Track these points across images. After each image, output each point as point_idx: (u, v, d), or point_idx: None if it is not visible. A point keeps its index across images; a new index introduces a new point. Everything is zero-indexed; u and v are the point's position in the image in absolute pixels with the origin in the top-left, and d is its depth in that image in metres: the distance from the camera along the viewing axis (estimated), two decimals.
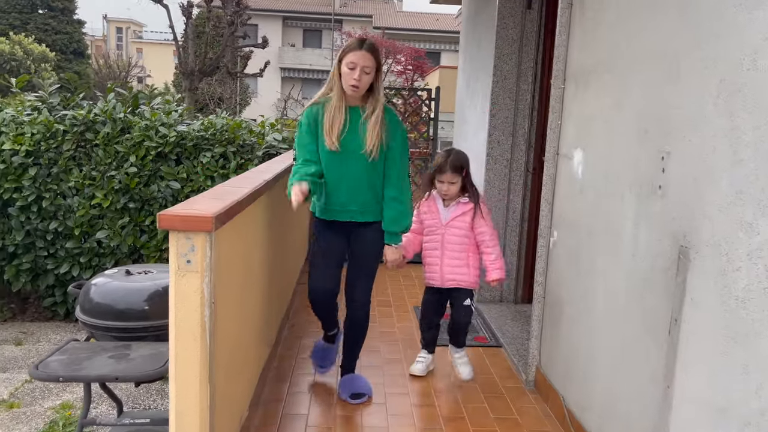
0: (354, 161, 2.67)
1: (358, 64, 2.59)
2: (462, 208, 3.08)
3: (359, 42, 2.64)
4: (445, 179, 3.03)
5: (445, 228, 3.08)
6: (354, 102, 2.71)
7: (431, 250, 3.13)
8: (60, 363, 2.68)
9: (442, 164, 3.04)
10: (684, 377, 1.83)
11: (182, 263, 1.76)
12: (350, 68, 2.59)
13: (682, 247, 1.85)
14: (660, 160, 2.01)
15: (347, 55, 2.61)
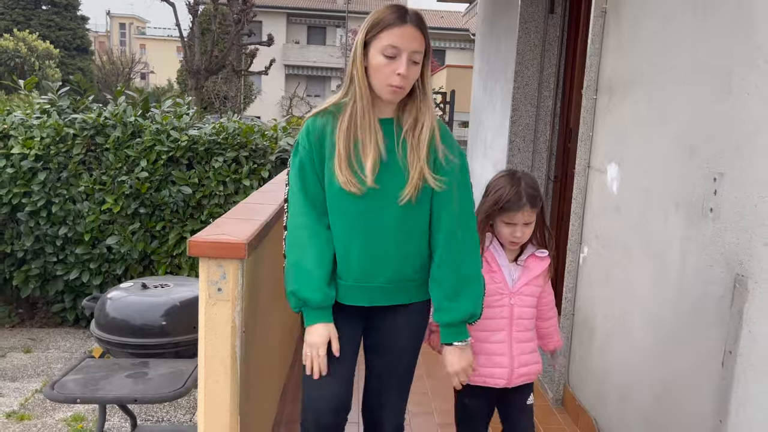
0: (383, 207, 1.63)
1: (404, 48, 1.55)
2: (538, 264, 2.02)
3: (399, 12, 1.58)
4: (519, 219, 1.90)
5: (515, 297, 1.98)
6: (385, 111, 1.66)
7: (493, 332, 1.99)
8: (76, 383, 2.59)
9: (514, 197, 1.90)
10: (739, 414, 1.73)
11: (213, 291, 1.67)
12: (389, 56, 1.56)
13: (738, 275, 1.76)
14: (712, 182, 1.91)
15: (383, 34, 1.57)
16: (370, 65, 1.60)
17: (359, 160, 1.60)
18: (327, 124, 1.66)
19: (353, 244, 1.64)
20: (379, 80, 1.59)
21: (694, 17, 2.08)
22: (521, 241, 1.97)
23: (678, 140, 2.14)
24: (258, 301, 2.07)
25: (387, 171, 1.63)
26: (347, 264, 1.66)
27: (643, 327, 2.36)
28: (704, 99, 2.00)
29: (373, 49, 1.59)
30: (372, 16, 1.60)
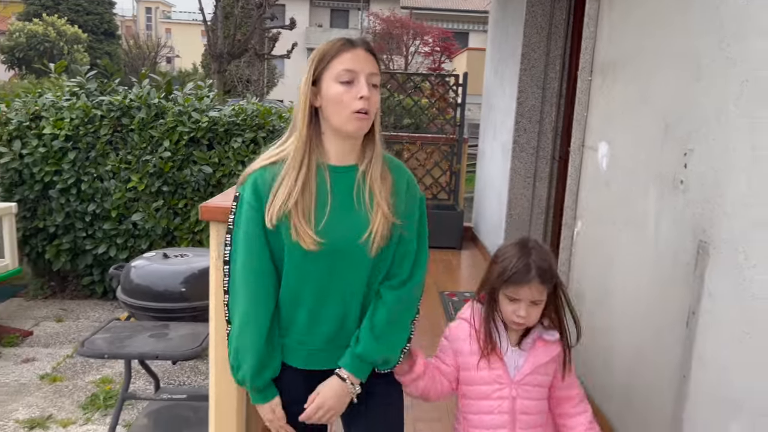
0: (346, 262, 1.45)
1: (360, 70, 1.41)
2: (546, 350, 1.69)
3: (345, 39, 1.47)
4: (525, 295, 1.61)
5: (517, 387, 1.66)
6: (337, 156, 1.48)
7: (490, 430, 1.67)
8: (104, 341, 2.85)
9: (521, 268, 1.60)
10: (699, 370, 1.89)
11: (221, 252, 1.87)
12: (346, 81, 1.40)
13: (701, 242, 1.91)
14: (683, 156, 2.06)
15: (333, 62, 1.42)
16: (326, 100, 1.42)
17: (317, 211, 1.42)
18: (273, 177, 1.44)
19: (321, 304, 1.47)
20: (340, 112, 1.40)
21: (676, 8, 2.21)
22: (525, 323, 1.63)
23: (656, 119, 2.29)
24: None
25: (345, 220, 1.44)
26: (313, 326, 1.48)
27: (624, 295, 2.52)
28: (679, 82, 2.14)
29: (325, 82, 1.42)
30: (317, 51, 1.46)
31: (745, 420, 1.66)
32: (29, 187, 5.32)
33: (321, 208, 1.43)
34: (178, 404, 3.56)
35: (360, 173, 1.47)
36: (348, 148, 1.47)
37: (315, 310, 1.48)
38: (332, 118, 1.43)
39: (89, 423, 3.60)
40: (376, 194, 1.45)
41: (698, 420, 1.88)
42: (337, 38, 1.47)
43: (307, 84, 1.44)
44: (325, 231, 1.41)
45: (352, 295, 1.48)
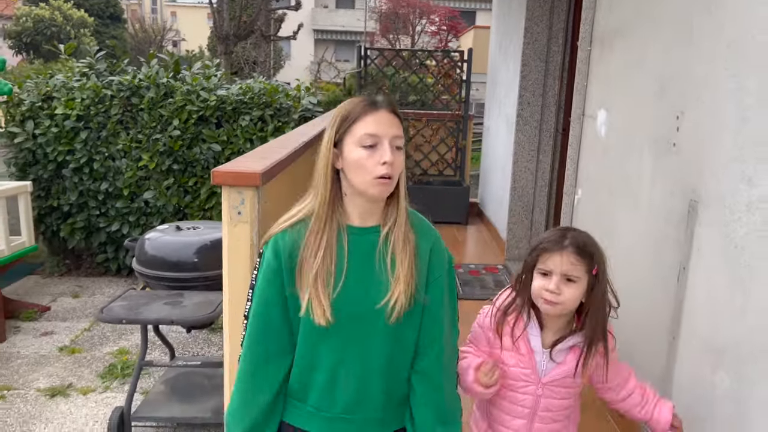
0: (363, 329, 1.40)
1: (383, 134, 1.35)
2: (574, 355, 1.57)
3: (369, 99, 1.40)
4: (556, 265, 1.50)
5: (544, 387, 1.60)
6: (359, 217, 1.42)
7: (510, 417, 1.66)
8: (122, 308, 2.97)
9: (555, 238, 1.53)
10: (689, 322, 1.99)
11: (234, 215, 1.97)
12: (369, 145, 1.35)
13: (692, 201, 1.99)
14: (675, 119, 2.13)
15: (355, 126, 1.37)
16: (347, 164, 1.36)
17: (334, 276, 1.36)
18: (300, 237, 1.39)
19: (338, 373, 1.41)
20: (363, 176, 1.34)
21: None
22: (556, 301, 1.49)
23: (651, 84, 2.35)
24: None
25: (363, 287, 1.38)
26: (332, 395, 1.42)
27: (621, 258, 2.60)
28: (673, 47, 2.20)
29: (347, 145, 1.36)
30: (338, 111, 1.40)
31: (730, 367, 1.75)
32: (43, 167, 5.44)
33: (338, 273, 1.36)
34: (193, 372, 3.70)
35: (383, 236, 1.39)
36: (370, 210, 1.41)
37: (332, 377, 1.41)
38: (354, 181, 1.36)
39: (108, 391, 3.74)
40: (397, 259, 1.37)
41: (688, 369, 1.98)
42: (361, 98, 1.39)
43: (328, 146, 1.38)
44: (339, 298, 1.35)
45: (372, 362, 1.40)
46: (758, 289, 1.64)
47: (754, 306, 1.65)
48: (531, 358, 1.58)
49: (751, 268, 1.67)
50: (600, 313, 1.54)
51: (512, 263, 4.68)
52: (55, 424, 3.36)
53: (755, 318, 1.65)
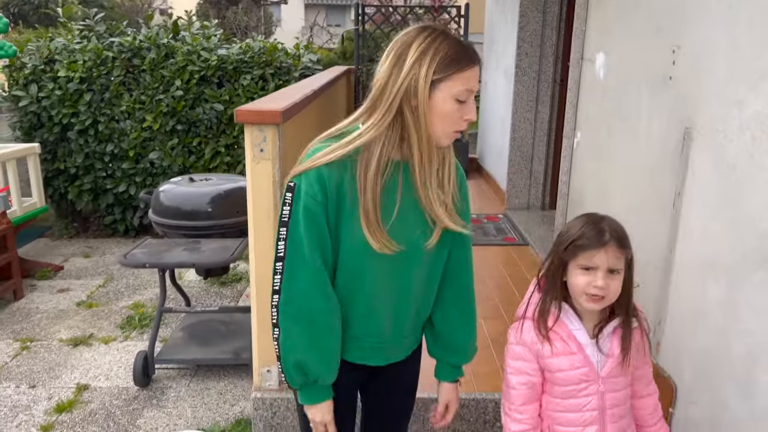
0: (407, 260, 1.42)
1: (474, 90, 1.35)
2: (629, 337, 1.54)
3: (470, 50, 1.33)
4: (601, 262, 1.45)
5: (606, 382, 1.53)
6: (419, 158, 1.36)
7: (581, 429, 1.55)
8: (143, 254, 3.11)
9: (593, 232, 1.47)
10: (683, 241, 2.14)
11: (257, 152, 2.09)
12: (462, 100, 1.32)
13: (687, 128, 2.12)
14: (671, 53, 2.24)
15: (456, 76, 1.30)
16: (433, 109, 1.30)
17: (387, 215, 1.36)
18: (345, 171, 1.35)
19: (381, 302, 1.44)
20: (445, 126, 1.32)
21: None
22: (605, 296, 1.45)
23: (648, 21, 2.46)
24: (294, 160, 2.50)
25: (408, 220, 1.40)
26: (369, 323, 1.46)
27: (620, 192, 2.74)
28: None
29: (441, 92, 1.29)
30: (438, 51, 1.28)
31: (720, 279, 1.91)
32: (48, 130, 5.52)
33: (390, 206, 1.36)
34: (210, 319, 3.86)
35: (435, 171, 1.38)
36: (430, 152, 1.35)
37: (371, 308, 1.43)
38: (433, 128, 1.32)
39: (128, 340, 3.91)
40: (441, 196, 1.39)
41: (683, 284, 2.14)
42: (460, 43, 1.31)
43: (423, 83, 1.28)
44: (393, 232, 1.36)
45: (408, 290, 1.45)
46: (746, 201, 1.78)
47: (742, 217, 1.80)
48: (584, 354, 1.51)
49: (740, 184, 1.80)
50: (630, 291, 1.52)
51: (512, 212, 4.82)
52: (80, 369, 3.53)
53: (743, 228, 1.79)
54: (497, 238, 4.37)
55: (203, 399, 3.24)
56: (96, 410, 3.13)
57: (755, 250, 1.73)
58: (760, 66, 1.72)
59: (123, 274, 5.07)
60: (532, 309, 1.55)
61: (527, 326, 1.55)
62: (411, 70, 1.28)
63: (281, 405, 2.37)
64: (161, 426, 3.01)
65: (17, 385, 3.37)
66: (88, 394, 3.28)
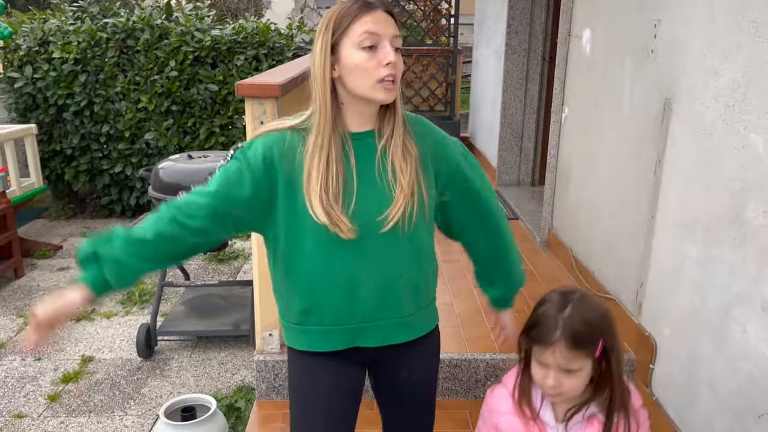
0: (379, 241, 1.32)
1: (383, 33, 1.25)
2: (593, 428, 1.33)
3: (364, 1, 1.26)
4: (550, 360, 1.28)
5: None
6: (358, 123, 1.33)
7: None
8: None
9: (547, 326, 1.29)
10: (663, 205, 2.25)
11: (257, 125, 2.18)
12: (369, 45, 1.24)
13: (667, 99, 2.23)
14: (653, 27, 2.34)
15: (352, 26, 1.25)
16: (347, 69, 1.25)
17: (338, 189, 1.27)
18: (297, 144, 1.30)
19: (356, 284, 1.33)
20: (365, 80, 1.25)
21: None
22: (556, 394, 1.30)
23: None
24: None
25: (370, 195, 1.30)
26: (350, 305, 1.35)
27: (606, 163, 2.85)
28: None
29: (345, 49, 1.25)
30: (330, 14, 1.27)
31: (697, 239, 2.02)
32: (44, 111, 5.56)
33: (348, 185, 1.28)
34: (209, 294, 3.96)
35: (381, 145, 1.31)
36: (368, 114, 1.31)
37: (350, 290, 1.34)
38: (356, 87, 1.26)
39: (129, 315, 4.01)
40: (397, 169, 1.29)
41: (663, 246, 2.26)
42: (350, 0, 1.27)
43: (323, 53, 1.26)
44: (354, 213, 1.27)
45: (390, 271, 1.34)
46: (721, 165, 1.89)
47: (717, 180, 1.91)
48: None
49: (715, 149, 1.92)
50: (616, 380, 1.30)
51: (503, 188, 4.93)
52: (84, 342, 3.63)
53: (718, 190, 1.91)
54: None
55: (205, 368, 3.35)
56: (101, 380, 3.24)
57: (728, 210, 1.84)
58: (734, 37, 1.83)
59: None
60: (512, 380, 1.40)
61: (499, 395, 1.41)
62: (318, 46, 1.27)
63: (282, 367, 2.48)
64: (165, 394, 3.12)
65: (23, 357, 3.47)
66: (93, 366, 3.38)
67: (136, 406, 3.02)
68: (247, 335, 3.46)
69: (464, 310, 2.95)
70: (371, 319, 1.37)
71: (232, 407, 2.90)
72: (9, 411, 2.98)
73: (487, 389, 1.50)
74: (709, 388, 1.95)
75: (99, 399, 3.07)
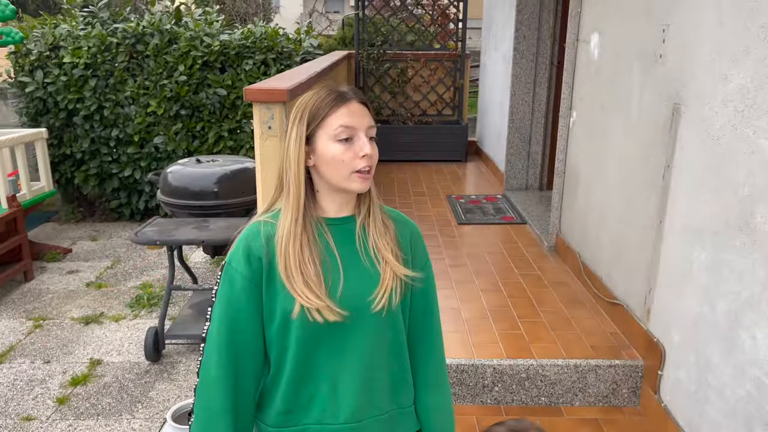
0: (362, 323, 1.29)
1: (358, 126, 1.26)
2: None
3: (337, 92, 1.28)
4: None
5: None
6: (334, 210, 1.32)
7: None
8: (154, 232, 3.21)
9: None
10: (672, 210, 2.24)
11: (264, 129, 2.19)
12: (345, 138, 1.24)
13: (676, 104, 2.22)
14: (661, 32, 2.34)
15: (328, 119, 1.25)
16: (322, 160, 1.25)
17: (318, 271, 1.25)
18: (272, 235, 1.27)
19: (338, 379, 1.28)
20: (341, 171, 1.25)
21: None
22: None
23: (639, 2, 2.55)
24: None
25: (354, 281, 1.28)
26: (334, 403, 1.29)
27: (614, 168, 2.84)
28: None
29: (320, 139, 1.25)
30: (303, 106, 1.27)
31: (706, 245, 2.01)
32: (54, 115, 5.61)
33: (332, 269, 1.26)
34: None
35: (359, 226, 1.31)
36: (345, 201, 1.31)
37: (333, 383, 1.28)
38: (331, 178, 1.26)
39: (137, 318, 4.02)
40: (380, 246, 1.29)
41: (672, 252, 2.25)
42: (325, 92, 1.28)
43: (298, 143, 1.25)
44: (343, 296, 1.24)
45: (373, 357, 1.30)
46: (729, 170, 1.88)
47: (726, 186, 1.90)
48: None
49: (724, 154, 1.91)
50: None
51: (511, 193, 4.93)
52: (93, 346, 3.65)
53: (727, 196, 1.90)
54: (496, 217, 4.47)
55: None
56: (110, 383, 3.25)
57: (737, 216, 1.83)
58: (743, 42, 1.82)
59: (130, 256, 5.18)
60: None
61: None
62: (293, 136, 1.26)
63: None
64: (173, 397, 3.13)
65: (32, 360, 3.49)
66: (101, 369, 3.40)
67: (143, 410, 3.03)
68: None
69: (471, 315, 2.94)
70: (353, 418, 1.29)
71: None
72: (18, 414, 3.00)
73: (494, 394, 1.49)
74: (717, 395, 1.93)
75: (107, 402, 3.09)
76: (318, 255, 1.25)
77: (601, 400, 2.55)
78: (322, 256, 1.26)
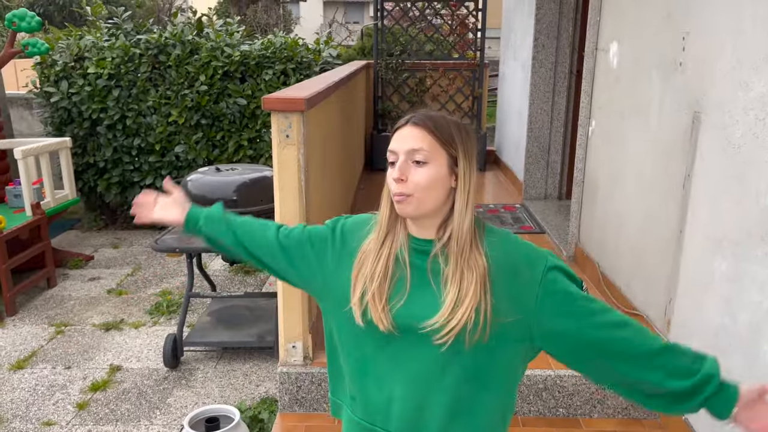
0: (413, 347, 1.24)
1: (399, 150, 1.24)
2: None
3: (405, 118, 1.28)
4: None
5: None
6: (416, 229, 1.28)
7: None
8: (173, 239, 3.25)
9: None
10: (692, 220, 2.21)
11: (282, 138, 2.21)
12: (391, 163, 1.26)
13: (696, 112, 2.19)
14: (681, 40, 2.32)
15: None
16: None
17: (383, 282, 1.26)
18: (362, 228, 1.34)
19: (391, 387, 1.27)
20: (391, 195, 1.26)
21: None
22: None
23: (659, 10, 2.53)
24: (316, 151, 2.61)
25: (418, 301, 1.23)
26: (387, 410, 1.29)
27: (633, 177, 2.82)
28: None
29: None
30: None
31: (727, 255, 1.98)
32: (78, 125, 5.71)
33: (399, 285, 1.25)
34: (235, 305, 4.00)
35: (437, 251, 1.24)
36: (419, 223, 1.27)
37: (390, 392, 1.27)
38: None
39: (157, 325, 4.06)
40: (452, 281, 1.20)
41: (692, 262, 2.21)
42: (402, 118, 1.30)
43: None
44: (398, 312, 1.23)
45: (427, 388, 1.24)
46: (751, 179, 1.85)
47: (747, 195, 1.87)
48: None
49: (745, 163, 1.88)
50: None
51: (529, 202, 4.90)
52: (113, 352, 3.69)
53: (748, 205, 1.87)
54: (514, 226, 4.45)
55: (230, 379, 3.37)
56: (129, 389, 3.28)
57: (759, 226, 1.80)
58: (764, 49, 1.80)
59: (150, 263, 5.23)
60: None
61: None
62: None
63: (306, 379, 2.49)
64: (190, 404, 3.15)
65: (53, 366, 3.54)
66: (120, 375, 3.43)
67: (161, 416, 3.05)
68: (272, 347, 3.47)
69: None
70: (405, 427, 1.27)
71: (256, 419, 2.91)
72: (38, 418, 3.04)
73: None
74: None
75: (126, 408, 3.11)
76: (391, 269, 1.26)
77: (620, 412, 2.51)
78: (394, 271, 1.26)
